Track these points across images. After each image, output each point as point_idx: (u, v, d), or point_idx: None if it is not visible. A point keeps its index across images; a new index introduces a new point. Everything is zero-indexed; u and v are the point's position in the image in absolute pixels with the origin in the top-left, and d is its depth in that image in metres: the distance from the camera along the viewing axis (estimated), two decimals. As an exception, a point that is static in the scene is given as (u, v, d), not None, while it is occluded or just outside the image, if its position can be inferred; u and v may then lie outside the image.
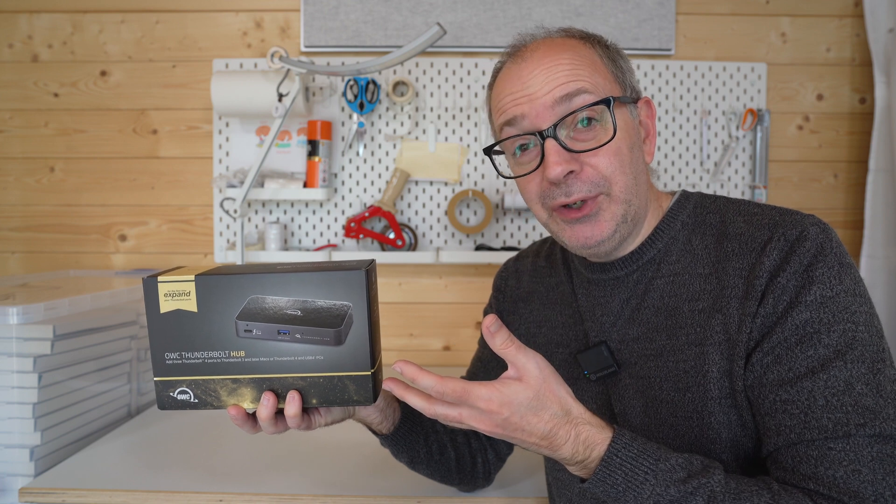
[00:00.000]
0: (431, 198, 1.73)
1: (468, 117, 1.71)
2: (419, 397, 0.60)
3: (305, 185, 1.66)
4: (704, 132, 1.71)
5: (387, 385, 0.62)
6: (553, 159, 0.67)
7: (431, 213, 1.73)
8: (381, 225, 1.72)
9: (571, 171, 0.68)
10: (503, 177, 0.76)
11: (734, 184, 1.71)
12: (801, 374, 0.60)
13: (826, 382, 0.58)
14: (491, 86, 0.76)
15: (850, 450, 0.56)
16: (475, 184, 1.72)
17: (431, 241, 1.73)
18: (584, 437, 0.59)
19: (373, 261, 0.68)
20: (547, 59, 0.69)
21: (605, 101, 0.67)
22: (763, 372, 0.62)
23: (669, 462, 0.58)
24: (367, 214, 1.66)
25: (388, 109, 1.72)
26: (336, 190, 1.73)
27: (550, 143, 0.67)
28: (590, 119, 0.68)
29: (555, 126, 0.67)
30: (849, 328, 0.60)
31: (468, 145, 1.72)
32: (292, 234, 1.74)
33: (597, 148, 0.68)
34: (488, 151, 0.76)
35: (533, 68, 0.70)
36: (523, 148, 0.72)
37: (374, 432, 0.83)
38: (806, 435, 0.58)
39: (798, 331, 0.61)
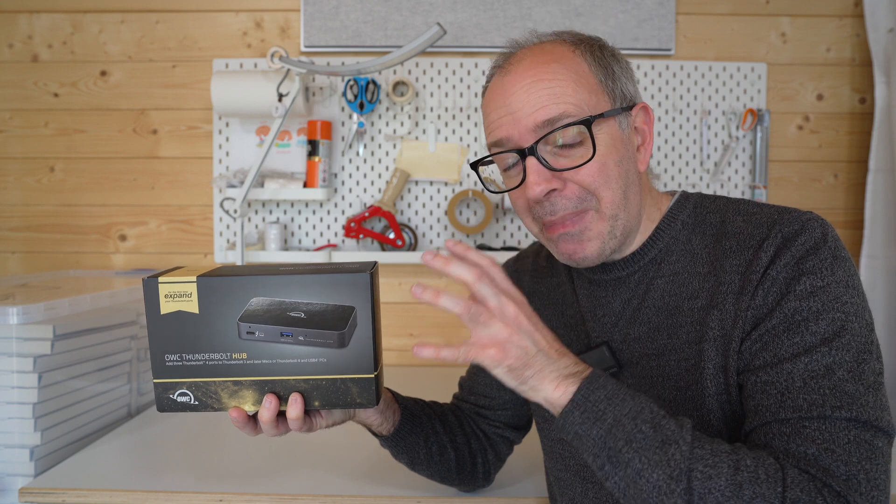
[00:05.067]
0: (431, 198, 1.73)
1: (468, 117, 1.71)
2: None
3: (305, 185, 1.66)
4: (704, 132, 1.71)
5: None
6: (532, 179, 0.67)
7: (431, 213, 1.73)
8: (381, 225, 1.72)
9: (554, 190, 0.68)
10: (489, 191, 0.77)
11: (734, 184, 1.71)
12: (784, 358, 0.60)
13: (807, 366, 0.58)
14: (483, 94, 0.77)
15: (826, 430, 0.55)
16: (475, 184, 1.72)
17: (431, 241, 1.73)
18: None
19: (376, 263, 0.68)
20: (529, 73, 0.68)
21: (585, 122, 0.66)
22: (751, 359, 0.63)
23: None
24: (367, 214, 1.66)
25: (388, 109, 1.72)
26: (336, 190, 1.73)
27: (531, 162, 0.67)
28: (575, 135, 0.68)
29: (535, 144, 0.67)
30: (838, 317, 0.60)
31: (468, 145, 1.72)
32: (292, 234, 1.74)
33: (578, 167, 0.67)
34: (475, 167, 0.76)
35: (516, 82, 0.69)
36: (512, 162, 0.72)
37: (374, 434, 0.83)
38: (781, 414, 0.58)
39: (787, 319, 0.61)
